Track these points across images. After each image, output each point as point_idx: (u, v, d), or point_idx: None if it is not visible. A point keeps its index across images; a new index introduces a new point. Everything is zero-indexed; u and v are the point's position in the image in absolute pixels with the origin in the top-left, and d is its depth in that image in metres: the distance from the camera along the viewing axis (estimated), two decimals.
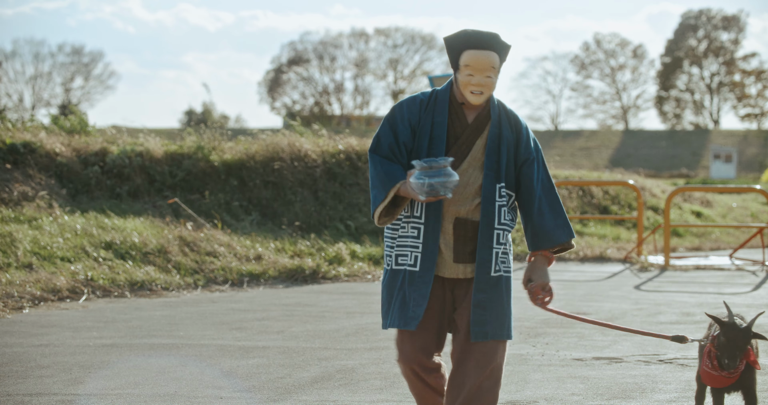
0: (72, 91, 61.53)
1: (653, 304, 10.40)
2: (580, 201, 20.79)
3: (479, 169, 4.67)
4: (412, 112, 4.72)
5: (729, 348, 4.81)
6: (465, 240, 4.68)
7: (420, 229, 4.69)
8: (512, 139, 4.74)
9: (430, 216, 4.66)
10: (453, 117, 4.71)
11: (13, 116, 20.15)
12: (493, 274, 4.68)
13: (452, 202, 4.65)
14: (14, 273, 10.34)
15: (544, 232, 4.72)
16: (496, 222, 4.66)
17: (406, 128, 4.70)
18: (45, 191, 13.57)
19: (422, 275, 4.67)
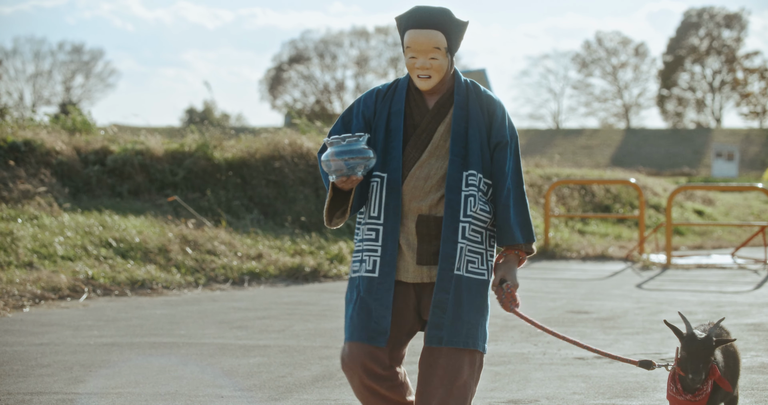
0: (72, 90, 61.52)
1: (655, 302, 10.39)
2: (581, 200, 20.78)
3: (443, 158, 4.24)
4: (368, 105, 4.36)
5: (691, 361, 4.32)
6: (429, 239, 4.23)
7: (378, 231, 4.27)
8: (484, 121, 4.31)
9: (389, 215, 4.24)
10: (411, 105, 4.31)
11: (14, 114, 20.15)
12: (458, 272, 4.20)
13: (413, 198, 4.22)
14: (15, 271, 10.33)
15: (507, 227, 4.27)
16: (462, 213, 4.19)
17: (360, 123, 4.32)
18: (46, 189, 13.56)
19: (381, 281, 4.22)
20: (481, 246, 4.29)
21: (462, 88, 4.31)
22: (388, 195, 4.24)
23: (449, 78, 4.32)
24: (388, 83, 4.45)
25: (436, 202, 4.23)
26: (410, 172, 4.24)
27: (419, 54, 4.14)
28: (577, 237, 17.43)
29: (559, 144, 70.14)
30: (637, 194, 20.91)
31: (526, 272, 13.57)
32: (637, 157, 65.01)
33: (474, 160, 4.24)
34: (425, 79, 4.19)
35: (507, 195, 4.30)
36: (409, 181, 4.23)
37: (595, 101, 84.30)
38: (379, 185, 4.26)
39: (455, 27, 4.18)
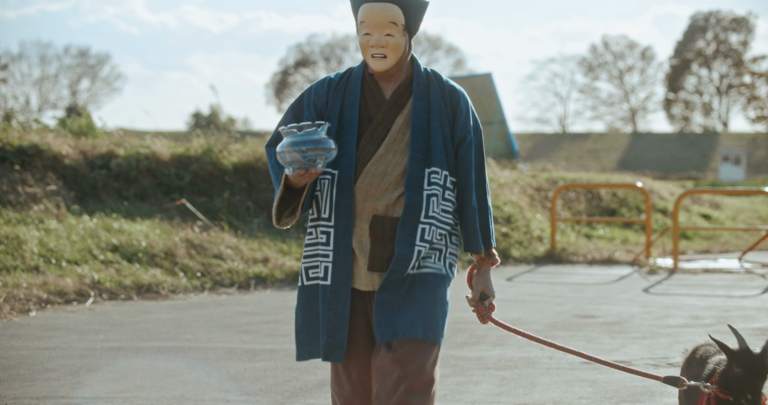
0: (79, 93, 61.62)
1: (662, 307, 10.37)
2: (588, 204, 20.75)
3: (401, 152, 3.87)
4: (319, 95, 3.98)
5: (749, 381, 3.75)
6: (383, 242, 3.84)
7: (329, 234, 3.89)
8: (447, 114, 3.95)
9: (341, 216, 3.86)
10: (367, 95, 3.95)
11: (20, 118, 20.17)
12: (411, 271, 3.83)
13: (368, 196, 3.84)
14: (21, 275, 10.34)
15: (474, 231, 3.92)
16: (423, 214, 3.81)
17: (312, 115, 3.95)
18: (52, 193, 13.56)
19: (335, 290, 3.86)
20: (441, 243, 3.93)
21: (422, 77, 3.97)
22: (339, 194, 3.87)
23: (407, 64, 3.98)
24: (340, 72, 4.08)
25: (393, 202, 3.86)
26: (365, 168, 3.87)
27: (374, 29, 3.79)
28: (583, 241, 17.41)
29: (565, 148, 70.10)
30: (643, 198, 20.88)
31: (531, 276, 13.55)
32: (644, 161, 64.96)
33: (437, 155, 3.88)
34: (380, 58, 3.83)
35: (474, 197, 3.94)
36: (364, 178, 3.86)
37: (602, 105, 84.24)
38: (330, 183, 3.89)
39: (414, 3, 3.85)
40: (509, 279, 13.16)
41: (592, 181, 22.64)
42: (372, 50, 3.83)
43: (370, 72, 3.96)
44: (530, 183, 20.22)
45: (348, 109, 3.94)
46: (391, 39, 3.81)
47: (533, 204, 19.02)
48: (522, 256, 15.48)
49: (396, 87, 3.95)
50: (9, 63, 56.34)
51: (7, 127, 15.86)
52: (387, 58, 3.83)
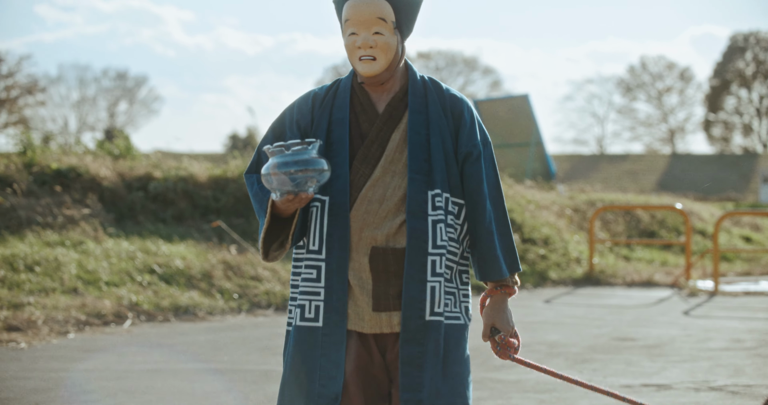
0: (117, 115, 62.12)
1: (702, 330, 10.25)
2: (626, 225, 20.62)
3: (400, 174, 3.41)
4: (303, 113, 3.51)
5: None
6: (387, 277, 3.36)
7: (320, 269, 3.39)
8: (448, 127, 3.48)
9: (333, 247, 3.38)
10: (357, 110, 3.48)
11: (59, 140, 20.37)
12: (430, 318, 3.34)
13: (365, 225, 3.37)
14: (59, 297, 10.38)
15: (494, 258, 3.44)
16: (430, 244, 3.35)
17: (295, 135, 3.48)
18: (90, 215, 13.64)
19: (328, 333, 3.35)
20: (452, 284, 3.45)
21: (418, 87, 3.50)
22: (331, 223, 3.38)
23: (401, 72, 3.52)
24: (326, 85, 3.61)
25: (395, 231, 3.38)
26: (360, 193, 3.40)
27: (360, 28, 3.35)
28: (622, 263, 17.29)
29: (603, 169, 69.81)
30: (683, 220, 20.72)
31: (569, 298, 13.46)
32: (683, 182, 64.56)
33: (439, 176, 3.41)
34: (369, 61, 3.37)
35: (489, 219, 3.46)
36: (360, 204, 3.39)
37: (640, 126, 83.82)
38: (320, 211, 3.41)
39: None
40: (547, 301, 13.08)
41: (631, 202, 22.50)
42: (359, 52, 3.37)
43: (359, 81, 3.49)
44: (568, 204, 20.13)
45: (337, 126, 3.46)
46: (381, 38, 3.35)
47: (571, 225, 18.92)
48: (560, 278, 15.38)
49: (390, 99, 3.48)
50: (48, 86, 56.87)
51: (46, 149, 15.99)
52: (377, 60, 3.37)
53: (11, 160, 14.67)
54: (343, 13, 3.39)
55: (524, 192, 19.92)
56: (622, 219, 20.70)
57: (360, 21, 3.34)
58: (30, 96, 55.43)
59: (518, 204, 18.00)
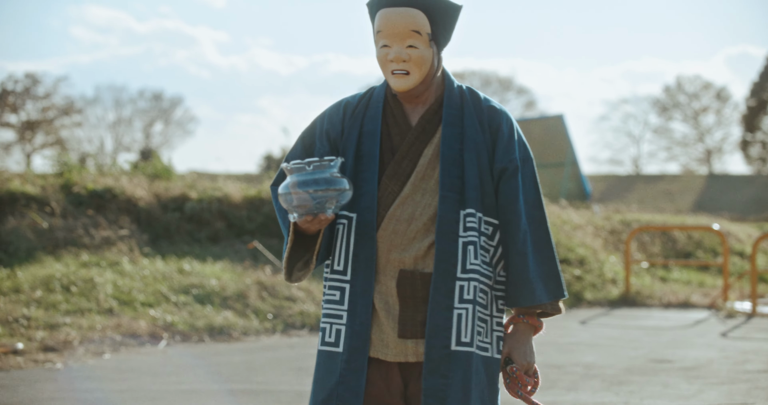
0: (152, 136, 62.48)
1: (740, 352, 10.15)
2: (663, 246, 20.49)
3: (431, 192, 3.18)
4: (334, 123, 3.29)
5: None
6: (415, 303, 3.14)
7: (344, 290, 3.20)
8: (484, 141, 3.23)
9: (359, 269, 3.18)
10: (389, 121, 3.25)
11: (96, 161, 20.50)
12: (457, 348, 3.09)
13: (392, 246, 3.16)
14: (95, 318, 10.42)
15: (525, 282, 3.17)
16: (459, 268, 3.11)
17: (324, 146, 3.27)
18: (126, 236, 13.71)
19: (348, 359, 3.14)
20: (486, 311, 3.20)
21: (455, 98, 3.26)
22: (357, 242, 3.18)
23: (438, 83, 3.29)
24: (359, 93, 3.38)
25: (423, 253, 3.15)
26: (388, 211, 3.18)
27: (393, 40, 3.11)
28: (658, 284, 17.16)
29: (639, 189, 69.47)
30: (720, 241, 20.56)
31: (605, 319, 13.37)
32: (720, 202, 64.12)
33: (473, 194, 3.16)
34: (402, 75, 3.14)
35: (522, 239, 3.19)
36: (387, 224, 3.17)
37: (676, 146, 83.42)
38: (346, 229, 3.21)
39: (442, 8, 3.16)
40: (583, 322, 12.99)
41: (667, 223, 22.35)
42: (392, 66, 3.14)
43: (393, 92, 3.27)
44: (604, 225, 20.03)
45: (367, 139, 3.24)
46: (414, 52, 3.12)
47: (607, 246, 18.82)
48: (595, 299, 15.29)
49: (424, 112, 3.25)
50: (84, 107, 57.30)
51: (83, 170, 16.11)
52: (410, 74, 3.14)
53: (48, 182, 14.78)
54: (375, 23, 3.15)
55: (559, 212, 19.85)
56: (658, 240, 20.57)
57: (393, 33, 3.10)
58: (66, 117, 55.93)
59: (553, 224, 17.93)
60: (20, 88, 53.27)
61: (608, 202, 32.30)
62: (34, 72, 57.08)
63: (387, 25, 3.10)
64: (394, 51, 3.11)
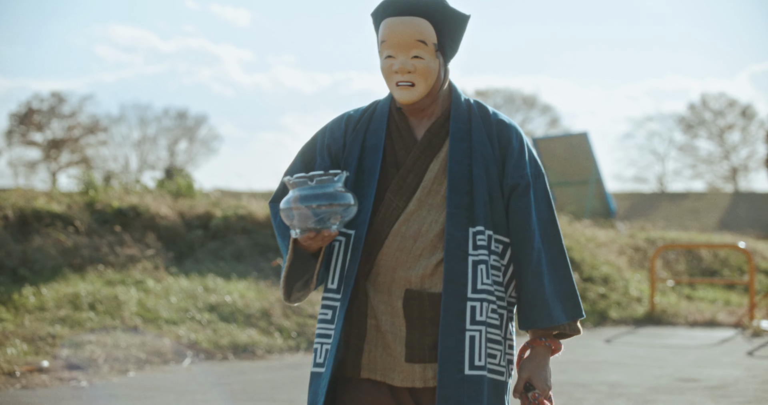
0: (177, 154, 62.71)
1: (766, 370, 10.07)
2: (688, 264, 20.38)
3: (437, 208, 3.04)
4: (335, 137, 3.14)
5: None
6: (423, 325, 2.98)
7: (335, 310, 3.03)
8: (494, 156, 3.08)
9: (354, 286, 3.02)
10: (394, 135, 3.10)
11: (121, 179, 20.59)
12: (470, 373, 2.94)
13: (398, 265, 2.99)
14: (120, 335, 10.44)
15: (541, 302, 3.02)
16: (470, 288, 2.96)
17: (325, 161, 3.13)
18: (151, 254, 13.75)
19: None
20: (499, 332, 3.05)
21: (462, 112, 3.11)
22: (353, 260, 3.02)
23: (444, 95, 3.15)
24: (362, 107, 3.24)
25: (431, 272, 2.99)
26: (393, 228, 3.03)
27: (398, 50, 2.97)
28: (684, 302, 17.06)
29: (664, 207, 69.22)
30: (746, 259, 20.44)
31: (630, 338, 13.30)
32: (746, 220, 63.75)
33: (482, 211, 3.01)
34: (407, 87, 3.00)
35: (537, 258, 3.04)
36: (392, 241, 3.01)
37: (701, 163, 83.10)
38: (343, 246, 3.06)
39: (449, 17, 3.03)
40: (608, 341, 12.93)
41: (693, 241, 22.24)
42: (396, 77, 3.00)
43: (397, 106, 3.13)
44: (628, 243, 19.94)
45: (370, 153, 3.08)
46: (420, 62, 2.97)
47: (632, 264, 18.73)
48: (620, 318, 15.21)
49: (430, 125, 3.10)
50: (109, 125, 57.59)
51: (107, 188, 16.19)
52: (415, 86, 3.00)
53: (73, 200, 14.86)
54: (380, 33, 3.02)
55: (583, 230, 19.78)
56: (683, 258, 20.46)
57: (397, 43, 2.96)
58: (92, 135, 56.23)
59: (577, 242, 17.87)
60: (46, 107, 53.63)
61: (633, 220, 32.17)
62: (59, 91, 57.32)
63: (392, 34, 2.96)
64: (398, 62, 2.97)
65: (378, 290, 3.04)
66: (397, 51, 2.97)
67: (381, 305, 3.02)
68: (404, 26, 2.94)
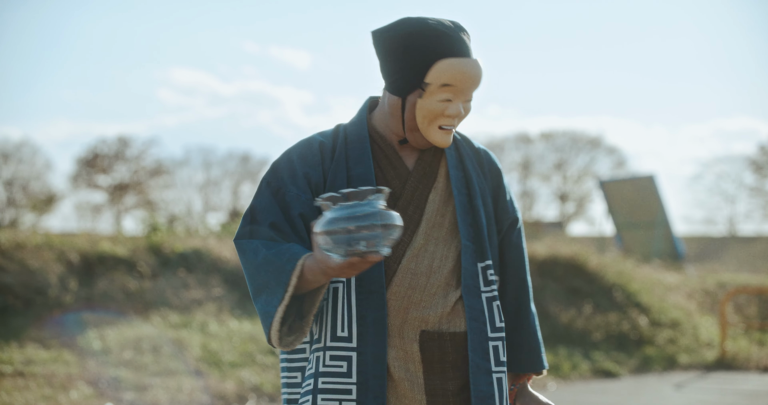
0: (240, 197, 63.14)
1: None
2: (759, 308, 20.00)
3: (444, 242, 2.82)
4: (311, 164, 2.78)
5: None
6: (443, 369, 2.74)
7: (350, 360, 2.69)
8: (486, 187, 2.92)
9: (368, 333, 2.70)
10: (382, 164, 2.83)
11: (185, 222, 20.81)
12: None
13: (411, 304, 2.73)
14: (183, 379, 10.42)
15: (536, 346, 2.96)
16: (489, 327, 2.77)
17: (304, 191, 2.75)
18: (214, 297, 13.75)
19: None
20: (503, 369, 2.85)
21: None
22: (362, 302, 2.72)
23: None
24: (327, 131, 2.93)
25: (449, 310, 2.76)
26: (400, 264, 2.76)
27: (460, 95, 2.71)
28: (756, 347, 16.70)
29: (734, 250, 68.27)
30: None
31: (701, 383, 13.02)
32: None
33: (487, 244, 2.83)
34: (449, 131, 2.76)
35: (531, 298, 2.98)
36: (402, 278, 2.75)
37: None
38: (346, 288, 2.74)
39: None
40: (677, 386, 12.66)
41: (764, 284, 21.83)
42: (443, 121, 2.74)
43: (379, 132, 2.87)
44: (698, 286, 19.62)
45: (359, 183, 2.77)
46: (469, 106, 2.78)
47: (701, 308, 18.41)
48: (690, 363, 14.91)
49: (420, 153, 2.87)
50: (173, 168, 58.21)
51: (171, 231, 16.28)
52: (453, 129, 2.78)
53: (137, 243, 14.95)
54: (438, 73, 2.70)
55: (651, 273, 19.50)
56: (754, 302, 20.08)
57: (465, 88, 2.71)
58: (158, 178, 56.86)
59: (645, 285, 17.60)
60: (112, 151, 54.40)
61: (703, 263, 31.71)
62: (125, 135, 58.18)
63: (461, 78, 2.68)
64: (454, 107, 2.71)
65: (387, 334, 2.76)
66: (459, 95, 2.72)
67: (392, 350, 2.74)
68: (475, 69, 2.68)
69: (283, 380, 2.90)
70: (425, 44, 2.69)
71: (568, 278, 16.40)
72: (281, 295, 2.57)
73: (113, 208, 55.00)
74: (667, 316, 16.41)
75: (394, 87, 2.78)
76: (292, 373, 2.87)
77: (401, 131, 2.81)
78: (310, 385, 2.73)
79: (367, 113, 2.93)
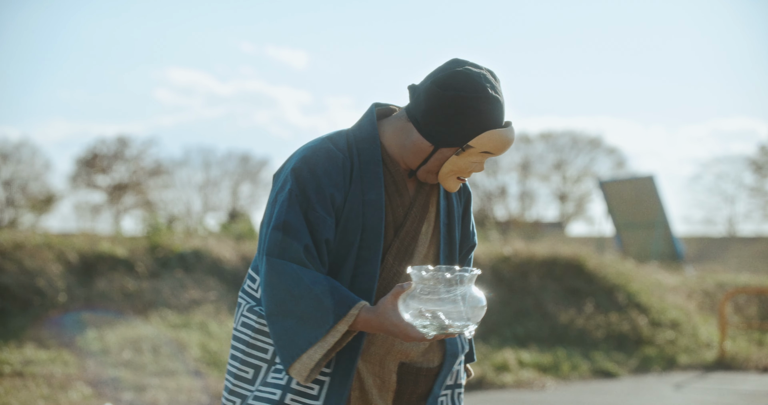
0: (239, 197, 63.07)
1: None
2: (759, 309, 20.00)
3: None
4: (336, 184, 2.69)
5: None
6: (410, 400, 2.81)
7: (323, 384, 2.70)
8: (460, 214, 2.94)
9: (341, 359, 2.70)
10: (390, 190, 2.78)
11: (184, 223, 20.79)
12: None
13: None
14: (182, 379, 10.41)
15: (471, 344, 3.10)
16: (460, 350, 2.89)
17: (329, 214, 2.68)
18: (213, 297, 13.75)
19: None
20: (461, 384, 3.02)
21: None
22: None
23: None
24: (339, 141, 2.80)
25: (430, 346, 2.82)
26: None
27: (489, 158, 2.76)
28: (755, 348, 16.70)
29: (733, 250, 68.30)
30: None
31: (700, 383, 13.02)
32: None
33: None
34: (463, 181, 2.81)
35: None
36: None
37: None
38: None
39: None
40: (676, 386, 12.67)
41: (764, 284, 21.84)
42: (464, 175, 2.77)
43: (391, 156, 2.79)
44: (697, 287, 19.62)
45: (372, 209, 2.71)
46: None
47: (701, 308, 18.40)
48: (689, 363, 14.91)
49: (417, 181, 2.84)
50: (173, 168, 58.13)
51: (170, 232, 16.27)
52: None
53: (136, 244, 14.94)
54: (484, 141, 2.67)
55: (650, 273, 19.50)
56: (754, 302, 20.08)
57: (499, 154, 2.73)
58: (157, 178, 56.80)
59: (644, 286, 17.60)
60: (110, 151, 54.36)
61: (702, 264, 31.72)
62: (124, 135, 58.12)
63: (502, 147, 2.69)
64: (482, 166, 2.74)
65: (368, 361, 2.79)
66: (489, 158, 2.77)
67: (370, 377, 2.78)
68: (513, 138, 2.68)
69: (231, 369, 2.93)
70: (479, 113, 2.66)
71: (567, 278, 16.40)
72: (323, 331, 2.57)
73: (112, 209, 54.96)
74: (667, 317, 16.40)
75: (432, 137, 2.71)
76: (244, 367, 2.88)
77: (415, 166, 2.76)
78: (275, 396, 2.76)
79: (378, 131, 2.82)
